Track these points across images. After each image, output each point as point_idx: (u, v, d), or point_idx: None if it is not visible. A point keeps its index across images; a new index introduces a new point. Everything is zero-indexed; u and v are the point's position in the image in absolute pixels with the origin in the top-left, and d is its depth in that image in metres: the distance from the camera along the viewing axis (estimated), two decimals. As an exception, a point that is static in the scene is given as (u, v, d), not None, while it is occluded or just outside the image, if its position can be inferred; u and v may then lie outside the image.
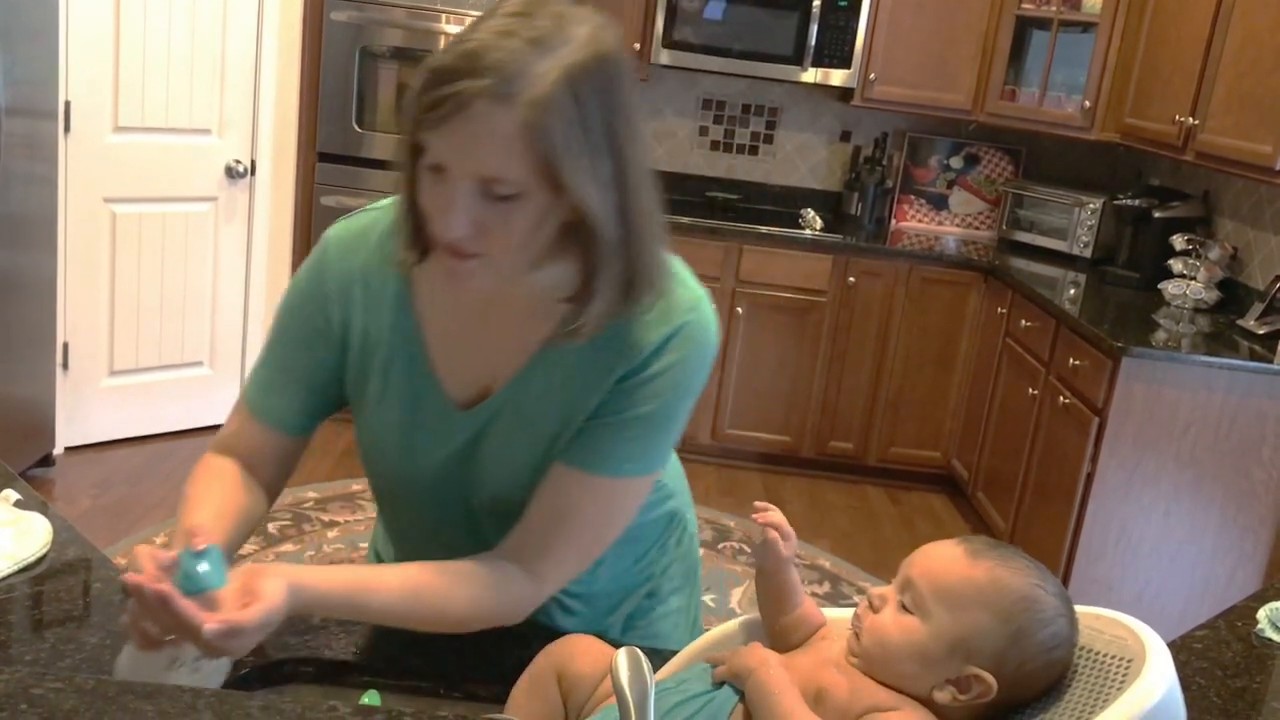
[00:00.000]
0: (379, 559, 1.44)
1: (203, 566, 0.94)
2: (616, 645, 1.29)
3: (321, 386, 1.22)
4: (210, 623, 0.91)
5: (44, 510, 1.35)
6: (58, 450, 3.74)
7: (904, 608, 0.93)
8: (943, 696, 0.91)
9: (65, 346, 3.71)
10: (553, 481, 1.13)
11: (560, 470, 1.13)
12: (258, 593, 0.96)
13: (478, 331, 1.15)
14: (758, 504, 1.05)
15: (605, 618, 1.33)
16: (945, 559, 0.94)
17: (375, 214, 1.21)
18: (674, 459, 1.41)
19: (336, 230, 1.22)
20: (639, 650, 0.87)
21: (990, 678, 0.90)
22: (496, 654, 1.21)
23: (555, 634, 1.26)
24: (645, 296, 1.08)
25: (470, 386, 1.18)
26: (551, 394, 1.14)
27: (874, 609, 0.95)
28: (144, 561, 0.95)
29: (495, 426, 1.16)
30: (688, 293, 1.13)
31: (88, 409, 3.82)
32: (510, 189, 0.98)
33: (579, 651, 1.05)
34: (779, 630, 1.04)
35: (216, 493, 1.16)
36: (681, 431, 1.19)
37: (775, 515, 1.04)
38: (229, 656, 0.97)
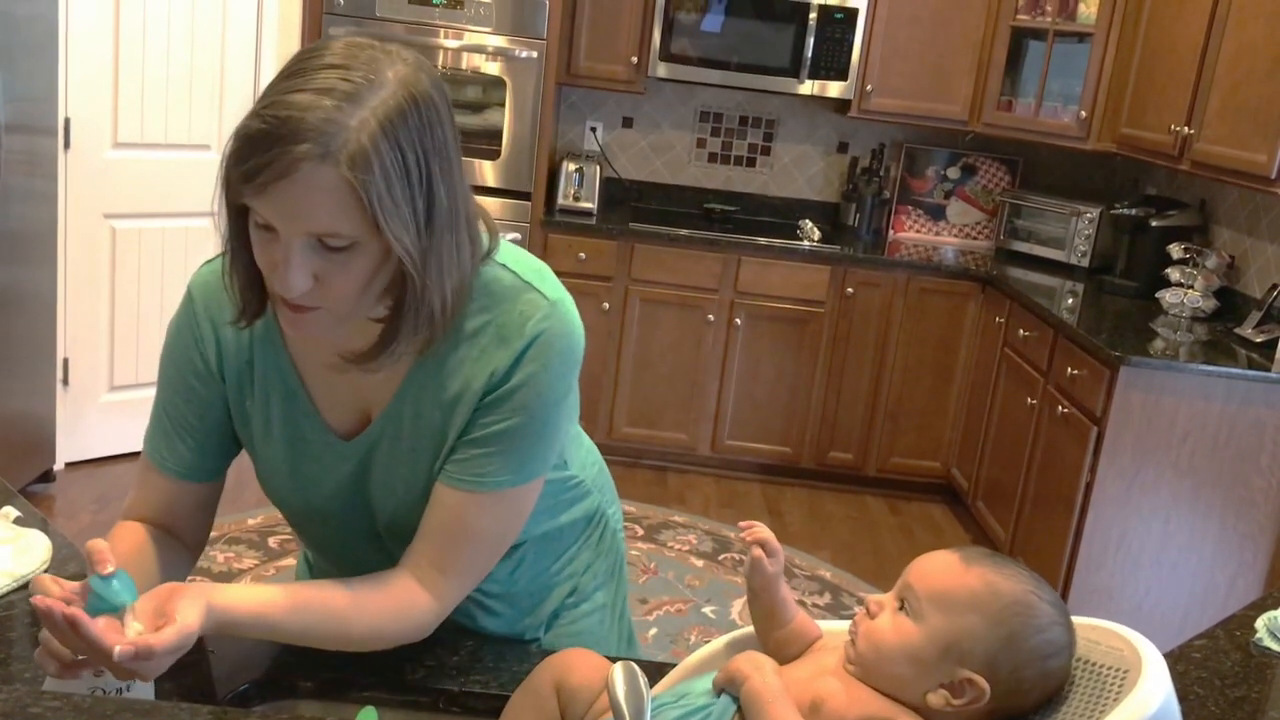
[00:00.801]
0: (308, 561, 1.46)
1: (111, 585, 0.95)
2: (541, 645, 1.30)
3: (216, 428, 1.22)
4: (120, 645, 0.91)
5: (44, 527, 1.35)
6: (58, 466, 3.74)
7: (900, 612, 0.94)
8: (936, 700, 0.91)
9: (65, 362, 3.72)
10: (437, 502, 1.14)
11: (442, 490, 1.14)
12: (172, 615, 0.96)
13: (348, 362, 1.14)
14: (742, 524, 1.05)
15: (526, 617, 1.34)
16: (942, 565, 0.95)
17: None
18: (594, 456, 1.42)
19: (200, 275, 1.22)
20: (635, 664, 0.87)
21: (983, 682, 0.90)
22: (494, 669, 1.21)
23: (479, 635, 1.29)
24: (443, 327, 1.08)
25: (350, 416, 1.18)
26: (423, 417, 1.14)
27: (871, 615, 0.96)
28: (50, 586, 0.95)
29: (378, 453, 1.17)
30: (541, 300, 1.13)
31: (88, 424, 3.82)
32: (344, 241, 0.98)
33: (577, 664, 1.05)
34: (774, 645, 1.04)
35: (127, 552, 1.15)
36: (564, 433, 1.19)
37: (761, 532, 1.04)
38: (142, 679, 0.97)
